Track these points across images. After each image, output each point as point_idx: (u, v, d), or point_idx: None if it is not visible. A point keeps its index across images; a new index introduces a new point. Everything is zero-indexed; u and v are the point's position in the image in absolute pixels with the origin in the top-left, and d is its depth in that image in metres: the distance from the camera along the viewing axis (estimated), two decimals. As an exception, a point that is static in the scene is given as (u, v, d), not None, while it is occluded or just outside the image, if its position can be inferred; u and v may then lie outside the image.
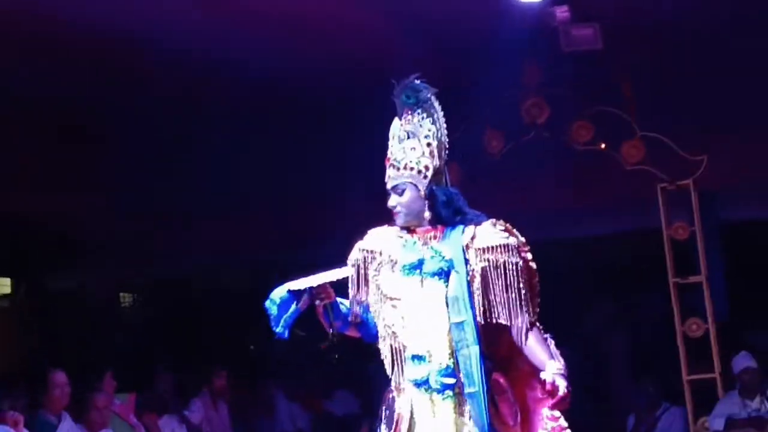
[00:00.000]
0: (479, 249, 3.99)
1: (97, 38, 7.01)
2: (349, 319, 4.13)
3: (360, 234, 4.19)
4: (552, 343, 4.00)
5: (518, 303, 3.96)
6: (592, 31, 7.18)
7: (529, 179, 8.97)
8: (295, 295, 4.09)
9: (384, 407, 4.07)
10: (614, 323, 10.78)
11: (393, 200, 4.04)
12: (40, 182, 9.31)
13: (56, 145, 9.07)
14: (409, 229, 4.08)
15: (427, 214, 4.03)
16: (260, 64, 7.41)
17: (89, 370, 7.84)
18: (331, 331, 4.09)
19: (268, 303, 4.12)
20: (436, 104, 4.07)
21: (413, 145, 4.02)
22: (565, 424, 3.95)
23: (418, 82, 4.05)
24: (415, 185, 4.01)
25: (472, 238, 4.01)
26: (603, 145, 8.21)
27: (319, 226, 10.15)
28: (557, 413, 3.94)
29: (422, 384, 3.92)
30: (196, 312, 11.95)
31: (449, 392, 3.91)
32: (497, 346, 4.03)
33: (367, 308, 4.09)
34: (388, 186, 4.06)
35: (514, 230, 4.09)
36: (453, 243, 4.01)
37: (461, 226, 4.04)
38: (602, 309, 10.81)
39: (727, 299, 8.51)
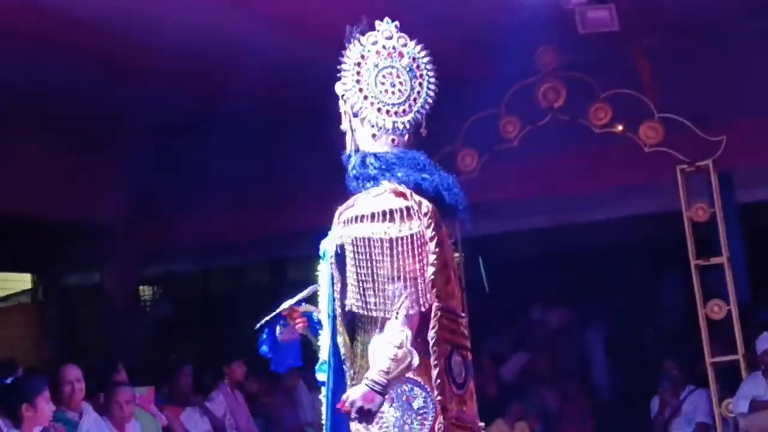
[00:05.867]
0: (343, 222, 3.33)
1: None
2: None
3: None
4: (402, 341, 3.19)
5: (366, 289, 3.24)
6: (608, 12, 7.11)
7: (546, 163, 8.91)
8: (271, 330, 3.72)
9: None
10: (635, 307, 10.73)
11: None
12: (59, 180, 9.34)
13: (74, 145, 9.12)
14: None
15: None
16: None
17: (108, 363, 7.79)
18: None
19: (263, 349, 3.77)
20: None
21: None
22: None
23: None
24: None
25: (342, 211, 3.38)
26: (621, 128, 8.13)
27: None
28: None
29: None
30: (215, 304, 11.95)
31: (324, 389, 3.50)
32: None
33: None
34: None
35: (414, 196, 3.28)
36: None
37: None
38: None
39: (748, 280, 8.42)
